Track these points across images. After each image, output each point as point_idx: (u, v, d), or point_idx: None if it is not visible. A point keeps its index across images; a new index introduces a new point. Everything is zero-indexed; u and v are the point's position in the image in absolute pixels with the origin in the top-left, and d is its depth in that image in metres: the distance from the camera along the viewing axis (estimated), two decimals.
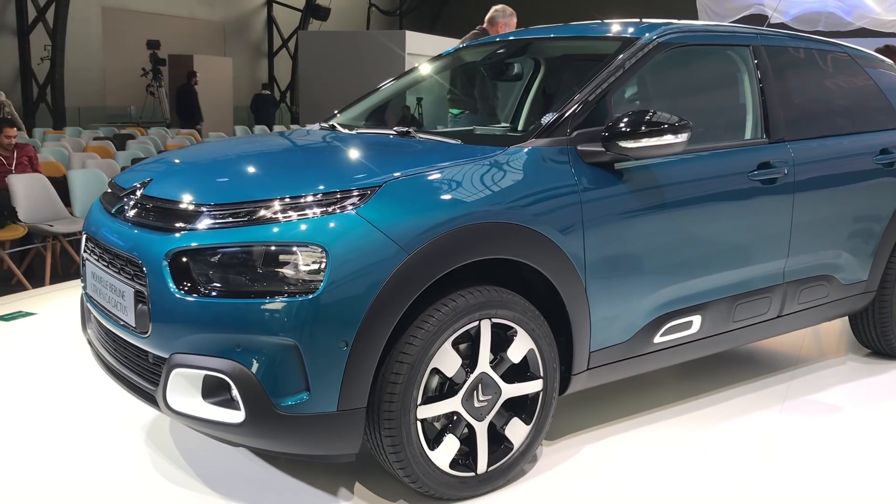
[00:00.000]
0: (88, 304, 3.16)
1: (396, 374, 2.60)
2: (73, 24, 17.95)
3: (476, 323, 2.74)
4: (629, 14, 5.24)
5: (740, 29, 3.83)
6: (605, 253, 3.02)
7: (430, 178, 2.74)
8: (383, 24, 29.63)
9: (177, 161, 3.33)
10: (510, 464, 2.91)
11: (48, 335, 4.60)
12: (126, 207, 2.90)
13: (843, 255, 3.95)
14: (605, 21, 3.84)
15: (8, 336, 4.58)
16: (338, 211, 2.55)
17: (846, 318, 4.38)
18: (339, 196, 2.58)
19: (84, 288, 3.18)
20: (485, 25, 6.67)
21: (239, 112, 19.95)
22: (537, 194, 2.87)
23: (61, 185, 7.70)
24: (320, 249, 2.47)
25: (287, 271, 2.48)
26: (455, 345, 2.72)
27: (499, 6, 6.75)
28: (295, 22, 25.17)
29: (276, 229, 2.52)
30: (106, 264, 2.89)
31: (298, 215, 2.54)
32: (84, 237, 3.16)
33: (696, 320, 3.38)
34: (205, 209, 2.63)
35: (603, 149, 3.00)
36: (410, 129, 3.31)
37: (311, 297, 2.45)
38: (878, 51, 7.13)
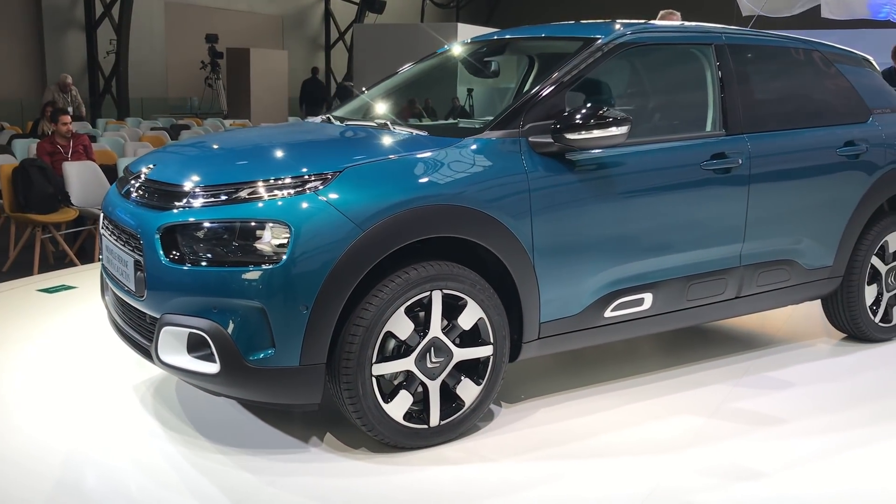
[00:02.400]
0: (104, 275, 3.62)
1: (353, 336, 2.99)
2: (137, 19, 18.79)
3: (428, 293, 3.11)
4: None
5: (704, 28, 4.09)
6: (552, 235, 3.35)
7: (387, 164, 3.13)
8: (438, 17, 29.99)
9: (179, 149, 3.78)
10: (461, 419, 3.28)
11: (82, 306, 5.11)
12: (132, 189, 3.35)
13: (806, 241, 4.19)
14: (582, 22, 4.16)
15: (47, 306, 5.12)
16: (302, 192, 2.95)
17: None
18: (304, 179, 2.98)
19: (101, 260, 3.65)
20: None
21: (294, 103, 20.55)
22: (487, 181, 3.22)
23: (115, 172, 8.29)
24: (285, 226, 2.88)
25: (256, 244, 2.90)
26: (410, 311, 3.10)
27: (663, 11, 7.14)
28: (352, 15, 25.73)
29: (248, 208, 2.93)
30: (116, 238, 3.35)
31: (269, 196, 2.95)
32: (101, 216, 3.62)
33: (648, 298, 3.68)
34: (191, 190, 3.06)
35: (552, 140, 3.33)
36: (388, 122, 3.68)
37: (275, 267, 2.86)
38: None
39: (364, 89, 4.53)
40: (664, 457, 3.21)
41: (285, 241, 2.88)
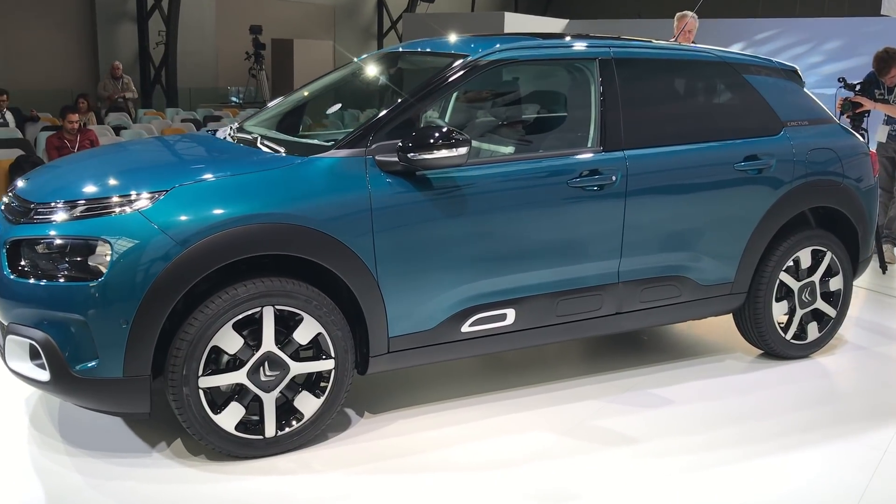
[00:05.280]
0: None
1: (178, 350, 3.12)
2: (189, 10, 19.33)
3: (259, 309, 3.22)
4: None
5: (591, 43, 4.02)
6: (397, 253, 3.41)
7: (218, 183, 3.25)
8: (493, 6, 29.87)
9: (51, 165, 3.99)
10: (299, 431, 3.38)
11: None
12: (3, 203, 3.56)
13: (700, 257, 4.13)
14: (468, 37, 4.16)
15: None
16: (125, 211, 3.09)
17: None
18: (129, 198, 3.12)
19: None
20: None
21: None
22: (325, 199, 3.30)
23: None
24: (105, 243, 3.03)
25: (80, 260, 3.05)
26: (243, 326, 3.22)
27: (679, 13, 7.17)
28: (404, 4, 25.87)
29: (75, 225, 3.09)
30: None
31: (95, 214, 3.11)
32: None
33: (511, 313, 3.71)
34: (35, 207, 3.24)
35: (397, 159, 3.39)
36: (258, 137, 3.78)
37: (95, 283, 3.01)
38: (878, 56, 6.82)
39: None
40: (487, 474, 3.26)
41: (106, 258, 3.02)
